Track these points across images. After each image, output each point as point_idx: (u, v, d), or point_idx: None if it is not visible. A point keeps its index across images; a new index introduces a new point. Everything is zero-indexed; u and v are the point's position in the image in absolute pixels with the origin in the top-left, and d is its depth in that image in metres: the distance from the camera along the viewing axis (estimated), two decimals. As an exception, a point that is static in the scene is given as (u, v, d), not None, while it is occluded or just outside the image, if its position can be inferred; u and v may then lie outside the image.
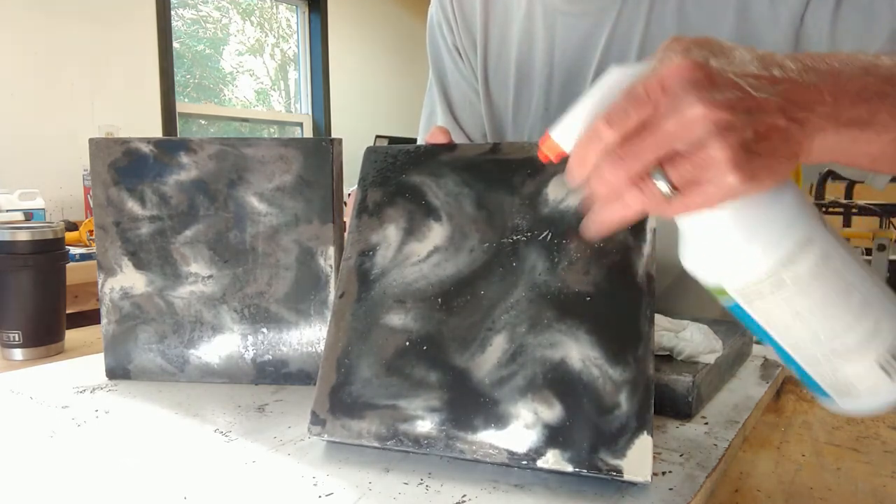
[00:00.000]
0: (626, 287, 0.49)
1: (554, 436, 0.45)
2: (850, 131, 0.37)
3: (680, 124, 0.34)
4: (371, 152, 0.61)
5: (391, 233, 0.56)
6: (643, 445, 0.44)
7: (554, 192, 0.54)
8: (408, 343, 0.51)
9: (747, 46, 0.38)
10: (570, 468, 0.44)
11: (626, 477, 0.43)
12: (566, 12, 0.78)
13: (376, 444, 0.48)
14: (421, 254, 0.54)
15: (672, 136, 0.35)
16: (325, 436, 0.50)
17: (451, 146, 0.59)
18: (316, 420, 0.50)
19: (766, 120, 0.35)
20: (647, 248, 0.50)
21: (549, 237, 0.52)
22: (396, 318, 0.52)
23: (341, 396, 0.50)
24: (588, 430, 0.45)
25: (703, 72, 0.34)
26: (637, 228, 0.51)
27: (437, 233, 0.55)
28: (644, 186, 0.36)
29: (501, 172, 0.56)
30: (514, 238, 0.53)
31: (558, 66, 0.80)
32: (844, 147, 0.38)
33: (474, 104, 0.92)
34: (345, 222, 0.65)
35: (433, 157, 0.58)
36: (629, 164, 0.36)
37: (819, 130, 0.37)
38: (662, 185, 0.36)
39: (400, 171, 0.59)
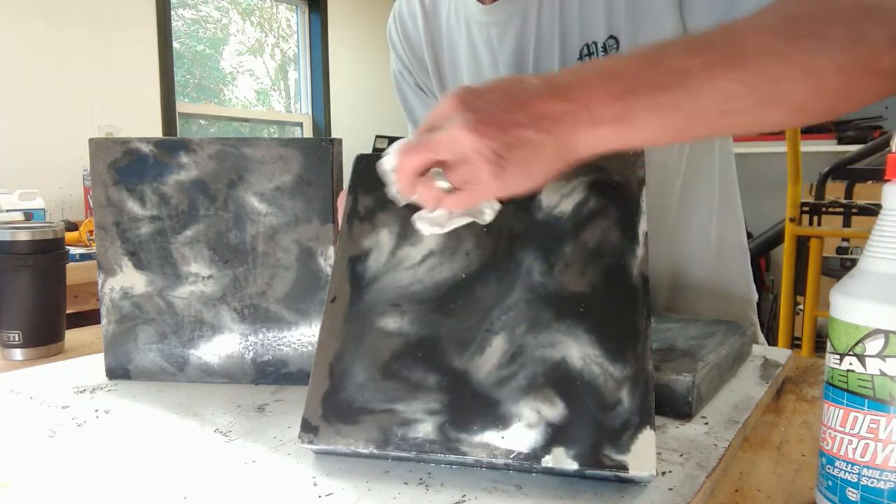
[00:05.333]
0: (622, 287, 0.50)
1: (557, 434, 0.45)
2: (610, 127, 0.43)
3: (448, 136, 0.43)
4: (361, 159, 0.60)
5: (384, 237, 0.56)
6: (646, 440, 0.44)
7: (548, 199, 0.54)
8: (404, 346, 0.51)
9: (503, 80, 0.46)
10: (574, 466, 0.44)
11: (632, 472, 0.43)
12: (492, 23, 0.81)
13: (373, 451, 0.47)
14: (416, 258, 0.54)
15: (441, 144, 0.43)
16: (317, 444, 0.48)
17: None
18: (307, 427, 0.48)
19: (515, 133, 0.42)
20: (640, 251, 0.51)
21: (544, 241, 0.53)
22: (392, 322, 0.52)
23: (335, 401, 0.49)
24: (591, 427, 0.45)
25: (460, 99, 0.43)
26: (630, 232, 0.52)
27: (431, 238, 0.55)
28: (427, 182, 0.45)
29: None
30: (510, 242, 0.53)
31: (504, 74, 0.82)
32: (612, 139, 0.44)
33: None
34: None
35: None
36: (411, 159, 0.45)
37: (576, 134, 0.43)
38: (442, 183, 0.45)
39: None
